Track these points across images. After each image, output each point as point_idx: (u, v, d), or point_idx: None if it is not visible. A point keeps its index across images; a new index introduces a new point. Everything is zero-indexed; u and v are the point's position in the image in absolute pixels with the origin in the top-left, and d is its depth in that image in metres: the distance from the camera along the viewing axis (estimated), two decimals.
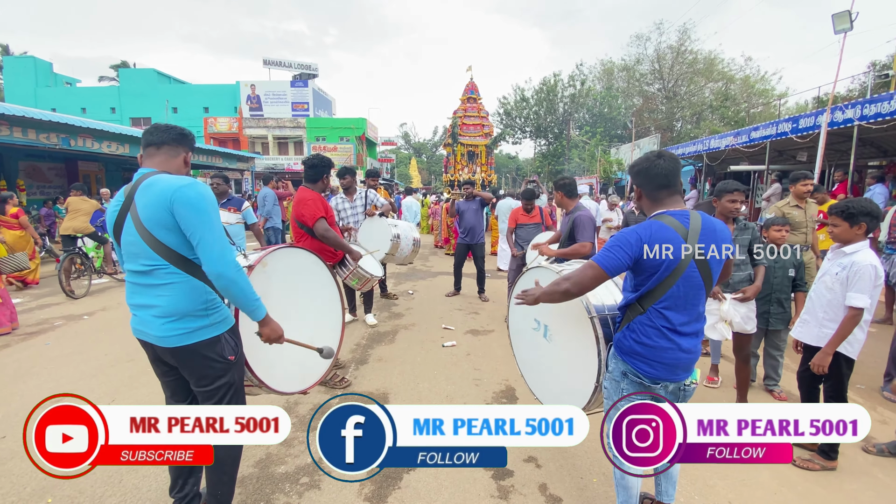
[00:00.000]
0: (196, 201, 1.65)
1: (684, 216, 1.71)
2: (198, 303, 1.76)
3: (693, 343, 1.77)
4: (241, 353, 1.93)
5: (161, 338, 1.73)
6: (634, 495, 1.93)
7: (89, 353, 4.27)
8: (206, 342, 1.78)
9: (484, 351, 4.41)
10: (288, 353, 2.43)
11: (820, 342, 2.56)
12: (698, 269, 1.69)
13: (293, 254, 2.67)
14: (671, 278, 1.67)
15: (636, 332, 1.76)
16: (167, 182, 1.67)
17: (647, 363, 1.74)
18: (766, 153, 10.57)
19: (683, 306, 1.72)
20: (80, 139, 9.86)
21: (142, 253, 1.70)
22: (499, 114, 37.97)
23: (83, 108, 30.23)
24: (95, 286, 7.27)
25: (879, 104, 7.28)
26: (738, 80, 29.99)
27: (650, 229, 1.69)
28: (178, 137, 1.84)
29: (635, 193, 1.88)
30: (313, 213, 3.44)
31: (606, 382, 1.90)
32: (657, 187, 1.79)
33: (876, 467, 2.65)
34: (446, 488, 2.36)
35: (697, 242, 1.67)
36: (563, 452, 2.70)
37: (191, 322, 1.74)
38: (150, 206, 1.65)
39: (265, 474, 2.46)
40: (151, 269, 1.71)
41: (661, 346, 1.72)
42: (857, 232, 2.47)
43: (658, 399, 1.78)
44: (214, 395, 1.85)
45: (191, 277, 1.73)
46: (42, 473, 2.39)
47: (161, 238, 1.67)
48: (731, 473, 2.54)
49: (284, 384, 2.30)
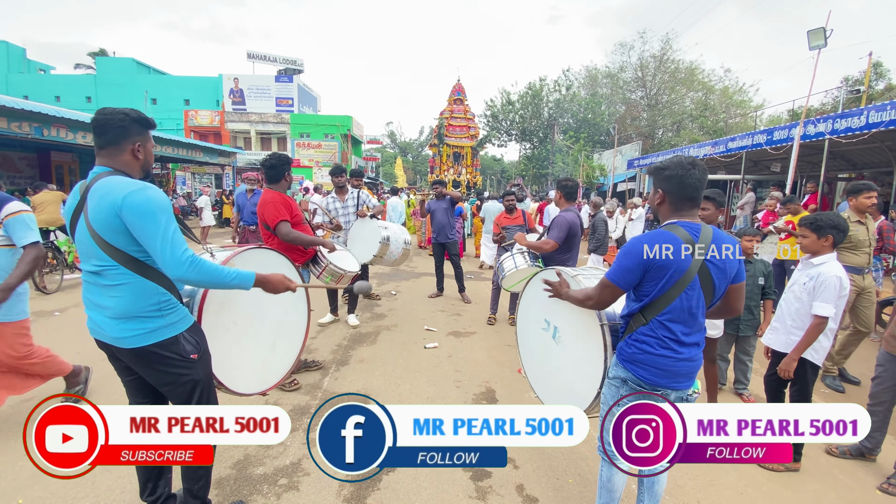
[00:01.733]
0: (144, 207, 1.62)
1: (695, 228, 1.71)
2: (149, 304, 1.74)
3: (695, 352, 1.79)
4: (204, 350, 1.91)
5: (117, 339, 1.72)
6: (617, 498, 1.97)
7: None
8: (164, 342, 1.76)
9: (466, 353, 4.45)
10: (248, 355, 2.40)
11: (787, 348, 2.67)
12: (701, 282, 1.70)
13: (262, 254, 2.63)
14: (675, 290, 1.68)
15: (639, 341, 1.77)
16: (116, 187, 1.63)
17: (648, 370, 1.76)
18: (741, 163, 10.92)
19: (686, 318, 1.73)
20: (53, 129, 9.56)
21: (93, 253, 1.69)
22: (485, 116, 38.19)
23: (57, 96, 29.29)
24: (68, 281, 7.05)
25: (850, 119, 7.60)
26: (717, 91, 30.82)
27: (657, 239, 1.68)
28: (118, 133, 1.72)
29: (657, 197, 1.81)
30: (274, 216, 3.37)
31: (605, 388, 1.91)
32: (685, 198, 1.75)
33: (836, 469, 2.78)
34: (425, 489, 2.39)
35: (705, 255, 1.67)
36: (541, 454, 2.75)
37: (144, 323, 1.73)
38: (99, 210, 1.63)
39: (243, 476, 2.44)
40: (102, 269, 1.69)
41: (663, 354, 1.74)
42: (823, 243, 2.59)
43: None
44: (182, 395, 1.84)
45: (141, 278, 1.71)
46: (11, 475, 2.34)
47: (110, 240, 1.65)
48: (700, 474, 2.63)
49: (244, 386, 2.29)
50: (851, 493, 2.56)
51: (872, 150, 9.68)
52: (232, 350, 2.23)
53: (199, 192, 15.21)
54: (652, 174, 1.86)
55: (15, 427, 2.83)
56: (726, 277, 1.76)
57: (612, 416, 1.87)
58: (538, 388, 2.53)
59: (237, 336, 2.30)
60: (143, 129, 1.78)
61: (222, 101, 29.95)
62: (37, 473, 2.37)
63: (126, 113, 1.74)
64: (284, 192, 3.58)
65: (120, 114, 1.73)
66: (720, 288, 1.76)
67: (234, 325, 2.24)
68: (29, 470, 2.41)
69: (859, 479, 2.67)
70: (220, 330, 2.15)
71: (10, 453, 2.55)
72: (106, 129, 1.72)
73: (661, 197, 1.79)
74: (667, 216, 1.80)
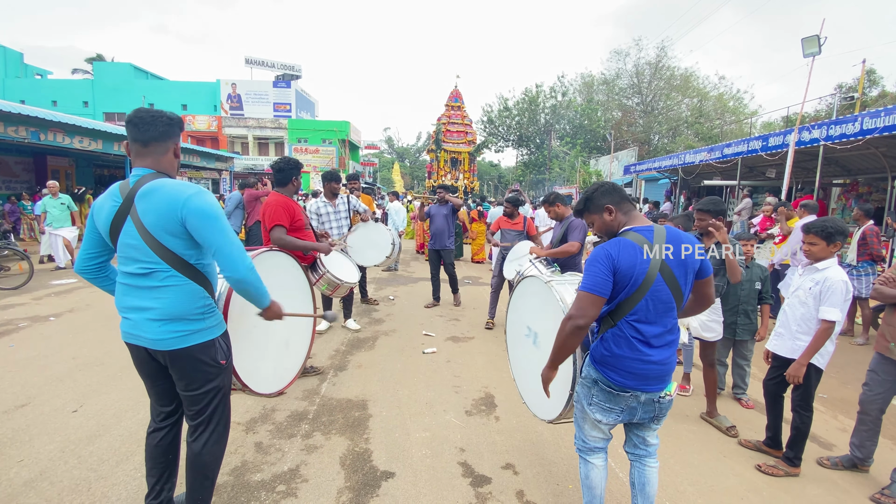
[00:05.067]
0: (208, 211, 1.68)
1: (648, 231, 1.78)
2: (195, 307, 1.76)
3: (665, 355, 1.80)
4: (230, 357, 1.94)
5: (156, 340, 1.72)
6: (599, 495, 1.97)
7: (56, 357, 4.12)
8: (201, 346, 1.78)
9: (464, 358, 4.44)
10: (267, 357, 2.45)
11: (794, 354, 2.66)
12: (666, 283, 1.74)
13: (273, 257, 2.71)
14: (638, 293, 1.72)
15: (608, 342, 1.81)
16: (174, 190, 1.67)
17: (616, 372, 1.78)
18: (737, 169, 10.99)
19: (654, 319, 1.76)
20: (50, 133, 9.52)
21: (142, 256, 1.70)
22: (482, 122, 38.35)
23: (54, 101, 29.22)
24: (62, 287, 7.01)
25: (844, 125, 7.66)
26: (712, 98, 31.10)
27: (618, 246, 1.74)
28: (164, 130, 1.75)
29: (607, 214, 1.87)
30: (272, 219, 3.38)
31: (579, 387, 1.95)
32: (625, 199, 1.88)
33: (836, 474, 2.77)
34: (424, 495, 2.36)
35: (664, 254, 1.74)
36: (541, 459, 2.74)
37: (187, 325, 1.75)
38: (155, 213, 1.65)
39: (240, 482, 2.41)
40: (151, 271, 1.70)
41: (630, 356, 1.76)
42: (832, 250, 2.60)
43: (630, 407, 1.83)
44: (202, 400, 1.84)
45: (190, 281, 1.75)
46: (5, 481, 2.31)
47: (166, 244, 1.68)
48: (699, 479, 2.63)
49: (263, 386, 2.35)
50: (850, 498, 2.55)
51: (867, 157, 9.75)
52: (254, 353, 2.29)
53: None
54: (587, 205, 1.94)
55: (10, 433, 2.80)
56: (689, 274, 1.81)
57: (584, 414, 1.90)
58: (525, 394, 2.57)
59: (258, 338, 2.34)
60: (180, 130, 1.84)
61: (222, 106, 29.97)
62: (31, 480, 2.35)
63: (166, 114, 1.79)
64: (291, 196, 3.57)
65: (163, 114, 1.77)
66: (685, 285, 1.81)
67: (255, 328, 2.27)
68: (25, 475, 2.38)
69: (858, 485, 2.67)
70: (243, 332, 2.19)
71: (5, 459, 2.52)
72: (150, 128, 1.73)
73: (611, 210, 1.87)
74: (621, 225, 1.87)
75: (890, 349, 2.61)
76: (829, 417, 3.57)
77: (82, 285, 7.15)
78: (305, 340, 2.91)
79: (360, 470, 2.56)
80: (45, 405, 3.17)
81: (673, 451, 2.90)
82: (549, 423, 2.33)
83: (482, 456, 2.75)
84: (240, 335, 2.16)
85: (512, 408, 3.39)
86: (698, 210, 3.25)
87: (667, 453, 2.84)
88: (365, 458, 2.69)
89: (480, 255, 11.38)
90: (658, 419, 1.91)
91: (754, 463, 2.81)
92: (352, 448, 2.78)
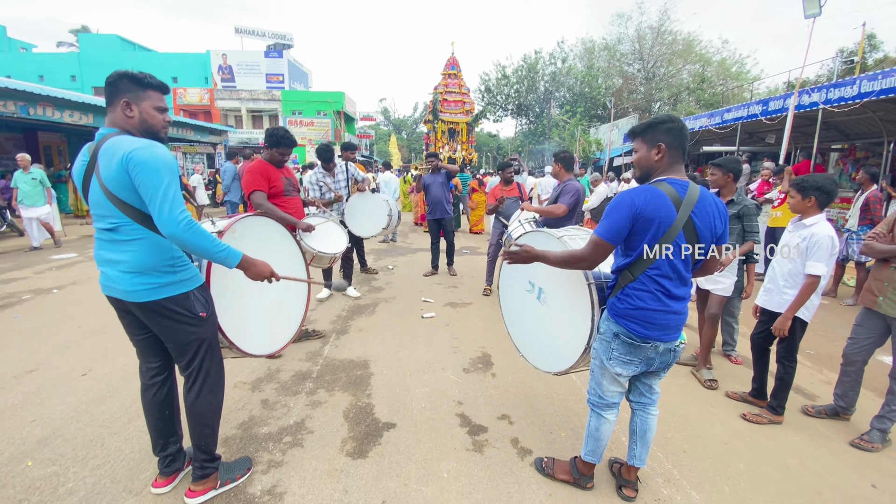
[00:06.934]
0: (149, 163, 1.64)
1: (683, 186, 1.74)
2: (163, 259, 1.80)
3: (682, 305, 1.85)
4: (212, 310, 1.97)
5: (128, 292, 1.77)
6: (603, 446, 2.07)
7: (62, 326, 4.20)
8: (174, 298, 1.82)
9: (462, 322, 4.54)
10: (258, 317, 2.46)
11: (781, 308, 2.75)
12: (687, 240, 1.74)
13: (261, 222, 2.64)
14: (660, 246, 1.72)
15: (631, 296, 1.81)
16: (123, 144, 1.68)
17: (640, 324, 1.81)
18: (737, 134, 10.89)
19: (673, 273, 1.79)
20: (39, 108, 9.35)
21: (107, 211, 1.73)
22: (480, 90, 37.55)
23: (41, 75, 28.45)
24: (63, 261, 7.06)
25: (843, 88, 7.58)
26: (714, 63, 30.41)
27: (645, 195, 1.71)
28: (110, 90, 1.75)
29: (656, 152, 1.80)
30: (249, 184, 3.37)
31: (596, 343, 1.97)
32: (682, 150, 1.79)
33: (818, 422, 2.89)
34: (424, 443, 2.48)
35: (691, 212, 1.72)
36: (535, 411, 2.86)
37: (157, 277, 1.79)
38: (111, 168, 1.67)
39: (248, 435, 2.53)
40: (116, 225, 1.74)
41: (654, 308, 1.79)
42: (807, 204, 2.65)
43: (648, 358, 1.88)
44: (188, 351, 1.90)
45: (155, 234, 1.76)
46: (19, 439, 2.42)
47: (123, 197, 1.70)
48: (686, 427, 2.75)
49: (254, 347, 2.34)
50: (831, 444, 2.67)
51: (864, 121, 9.66)
52: (241, 313, 2.30)
53: (191, 172, 15.01)
54: (646, 131, 1.84)
55: (21, 396, 2.90)
56: (712, 235, 1.81)
57: (603, 369, 1.96)
58: (524, 350, 2.57)
59: (246, 300, 2.36)
60: (135, 85, 1.76)
61: (213, 79, 29.25)
62: (45, 438, 2.45)
63: (120, 71, 1.76)
64: (274, 163, 3.52)
65: (115, 73, 1.76)
66: (706, 245, 1.81)
67: (241, 289, 2.30)
68: (38, 434, 2.48)
69: (839, 431, 2.79)
70: (228, 293, 2.21)
71: (17, 420, 2.62)
72: (106, 88, 1.77)
73: (662, 151, 1.79)
74: (661, 172, 1.82)
75: (878, 303, 2.68)
76: (814, 371, 3.70)
77: (83, 259, 7.20)
78: (301, 306, 2.85)
79: (362, 422, 2.68)
80: (53, 370, 3.27)
81: (661, 402, 3.01)
82: (555, 375, 2.37)
83: (479, 408, 2.87)
84: (228, 294, 2.19)
85: (508, 365, 3.50)
86: (712, 164, 3.32)
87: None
88: (367, 411, 2.80)
89: (479, 226, 11.39)
90: (668, 367, 1.97)
91: (740, 413, 2.93)
92: (354, 403, 2.90)
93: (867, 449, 2.61)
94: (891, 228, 2.73)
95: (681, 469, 2.36)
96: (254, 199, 3.37)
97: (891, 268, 2.64)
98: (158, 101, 1.83)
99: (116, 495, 2.04)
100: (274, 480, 2.17)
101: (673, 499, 2.14)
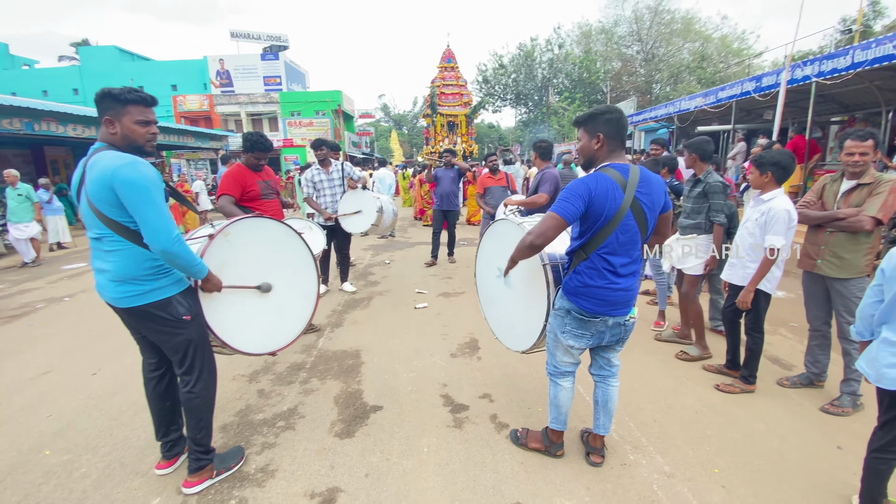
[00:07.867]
0: (134, 181, 1.74)
1: (625, 169, 1.90)
2: (143, 268, 1.90)
3: (630, 282, 2.00)
4: (198, 313, 2.07)
5: (115, 298, 1.92)
6: (564, 412, 2.23)
7: (73, 331, 4.44)
8: (158, 303, 1.93)
9: (454, 311, 4.69)
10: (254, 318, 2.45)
11: (745, 282, 2.86)
12: (634, 218, 1.90)
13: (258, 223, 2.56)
14: (610, 226, 1.87)
15: (581, 274, 1.97)
16: (108, 161, 1.76)
17: (588, 300, 1.96)
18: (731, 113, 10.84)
19: (622, 251, 1.94)
20: (43, 123, 9.60)
21: (92, 223, 1.87)
22: (478, 81, 37.39)
23: (44, 90, 28.98)
24: (74, 270, 7.33)
25: (836, 59, 7.51)
26: (714, 40, 29.93)
27: (596, 181, 1.85)
28: (97, 108, 1.85)
29: (595, 142, 1.95)
30: (221, 188, 3.49)
31: (552, 318, 2.14)
32: (620, 140, 1.95)
33: (792, 391, 2.99)
34: (408, 422, 2.65)
35: (635, 192, 1.87)
36: (516, 390, 3.01)
37: (139, 285, 1.90)
38: (93, 184, 1.78)
39: (245, 421, 2.71)
40: (101, 236, 1.88)
41: (601, 285, 1.94)
42: (764, 180, 2.75)
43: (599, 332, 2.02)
44: (178, 351, 2.04)
45: (134, 245, 1.86)
46: (37, 432, 2.63)
47: (105, 212, 1.81)
48: (658, 398, 2.88)
49: (249, 346, 2.35)
50: (802, 410, 2.78)
51: (862, 91, 9.54)
52: (236, 313, 2.30)
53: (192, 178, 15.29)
54: (587, 121, 1.99)
55: (38, 395, 3.12)
56: (655, 210, 1.97)
57: (556, 342, 2.12)
58: (497, 330, 2.70)
59: (240, 300, 2.34)
60: (115, 102, 1.84)
61: (212, 83, 29.50)
62: (60, 430, 2.66)
63: (104, 89, 1.87)
64: (251, 167, 3.62)
65: (99, 91, 1.87)
66: (651, 220, 1.97)
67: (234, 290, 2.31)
68: (54, 427, 2.70)
69: (811, 398, 2.88)
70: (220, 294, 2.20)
71: (35, 416, 2.84)
72: (96, 103, 1.88)
73: (601, 141, 1.95)
74: (602, 159, 1.97)
75: (817, 265, 2.78)
76: (795, 343, 3.79)
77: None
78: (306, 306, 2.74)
79: (351, 406, 2.85)
80: (66, 371, 3.49)
81: (639, 375, 3.16)
82: (522, 354, 2.52)
83: (462, 389, 3.03)
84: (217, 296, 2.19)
85: (493, 349, 3.65)
86: (685, 146, 3.44)
87: (632, 376, 3.10)
88: (356, 396, 2.98)
89: (476, 217, 11.50)
90: (622, 341, 2.13)
91: (714, 384, 3.05)
92: (345, 389, 3.07)
93: (838, 414, 2.70)
94: (819, 196, 2.82)
95: (649, 437, 2.50)
96: (219, 203, 3.47)
97: (826, 232, 2.73)
98: (139, 115, 1.87)
99: (125, 477, 2.24)
100: (267, 460, 2.35)
101: (638, 463, 2.28)
